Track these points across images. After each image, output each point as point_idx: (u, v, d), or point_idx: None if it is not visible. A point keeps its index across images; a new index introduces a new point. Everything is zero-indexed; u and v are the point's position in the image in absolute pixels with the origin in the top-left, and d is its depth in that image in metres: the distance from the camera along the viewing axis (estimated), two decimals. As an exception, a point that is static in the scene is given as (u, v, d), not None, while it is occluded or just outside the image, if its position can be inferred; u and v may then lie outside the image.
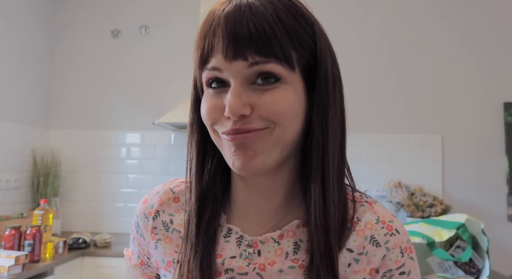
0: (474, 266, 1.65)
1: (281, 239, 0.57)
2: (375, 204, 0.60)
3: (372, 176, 2.79)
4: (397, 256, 0.54)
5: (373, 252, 0.54)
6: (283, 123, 0.51)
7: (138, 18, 3.04)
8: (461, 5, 2.89)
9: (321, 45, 0.55)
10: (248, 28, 0.49)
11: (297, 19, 0.52)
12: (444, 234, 1.58)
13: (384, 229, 0.55)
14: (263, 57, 0.49)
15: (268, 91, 0.50)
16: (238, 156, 0.51)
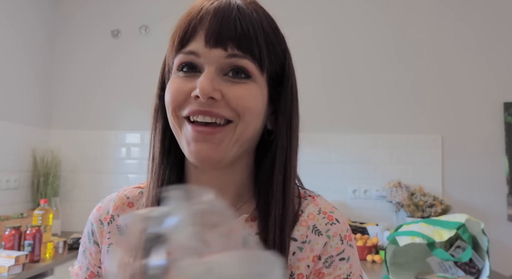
0: (474, 266, 1.65)
1: None
2: (318, 197, 0.64)
3: (372, 176, 2.79)
4: (337, 243, 0.57)
5: (315, 240, 0.57)
6: (247, 119, 0.53)
7: (138, 18, 3.04)
8: (462, 6, 2.89)
9: (289, 60, 0.60)
10: (234, 24, 0.53)
11: (275, 33, 0.58)
12: (444, 234, 1.58)
13: (325, 219, 0.59)
14: (242, 52, 0.53)
15: (238, 85, 0.53)
16: (198, 147, 0.53)
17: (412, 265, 1.76)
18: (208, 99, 0.52)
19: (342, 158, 2.83)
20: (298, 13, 3.00)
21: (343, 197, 2.78)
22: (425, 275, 1.64)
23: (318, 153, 2.84)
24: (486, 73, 2.82)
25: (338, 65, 2.92)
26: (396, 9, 2.93)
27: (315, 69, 2.93)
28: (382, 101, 2.86)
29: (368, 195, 2.77)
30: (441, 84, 2.84)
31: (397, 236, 1.67)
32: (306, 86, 3.35)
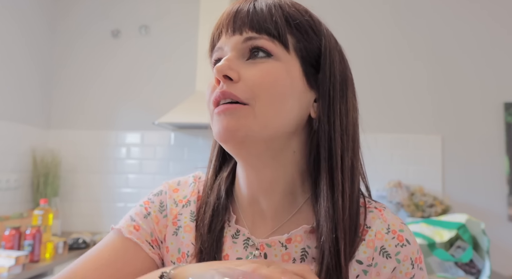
0: (475, 266, 1.65)
1: (288, 243, 0.55)
2: (385, 210, 0.58)
3: (372, 176, 2.76)
4: (407, 268, 0.53)
5: (383, 263, 0.53)
6: (265, 99, 0.51)
7: (138, 18, 3.04)
8: (461, 5, 2.89)
9: (326, 42, 0.56)
10: (248, 8, 0.54)
11: (300, 13, 0.55)
12: (445, 234, 1.58)
13: (395, 239, 0.54)
14: (256, 33, 0.52)
15: (257, 65, 0.52)
16: (222, 122, 0.52)
17: (412, 265, 1.75)
18: (225, 80, 0.52)
19: (342, 158, 2.82)
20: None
21: (343, 197, 2.78)
22: (425, 275, 1.63)
23: (318, 153, 2.84)
24: (486, 73, 2.82)
25: (338, 65, 2.92)
26: (396, 9, 2.93)
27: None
28: (382, 101, 2.86)
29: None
30: (441, 84, 2.84)
31: (397, 236, 1.66)
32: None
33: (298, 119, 0.55)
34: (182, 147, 2.93)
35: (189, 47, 2.95)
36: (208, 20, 2.79)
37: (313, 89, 0.56)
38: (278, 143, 0.54)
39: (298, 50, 0.54)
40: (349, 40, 3.00)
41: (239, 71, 0.52)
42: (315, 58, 0.56)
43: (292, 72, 0.53)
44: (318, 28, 0.57)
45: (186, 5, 3.04)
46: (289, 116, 0.53)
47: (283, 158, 0.56)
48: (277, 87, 0.52)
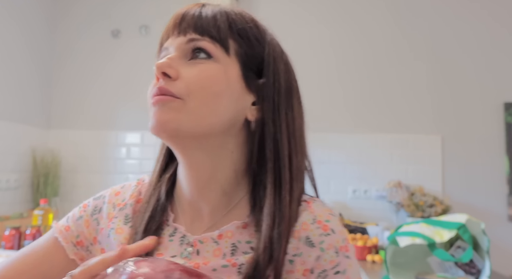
0: (475, 266, 1.65)
1: (220, 239, 0.57)
2: (314, 202, 0.60)
3: (372, 176, 2.79)
4: (331, 256, 0.55)
5: (307, 253, 0.55)
6: (199, 96, 0.54)
7: (138, 18, 3.04)
8: (461, 5, 2.89)
9: (270, 50, 0.60)
10: (194, 12, 0.58)
11: (245, 21, 0.59)
12: (445, 234, 1.58)
13: (319, 229, 0.56)
14: (199, 35, 0.56)
15: (196, 65, 0.56)
16: (155, 115, 0.54)
17: (412, 265, 1.76)
18: (163, 77, 0.55)
19: (342, 158, 2.83)
20: (299, 14, 3.00)
21: (343, 197, 2.78)
22: (425, 275, 1.64)
23: (318, 153, 2.84)
24: (486, 73, 2.82)
25: (338, 65, 2.92)
26: (396, 9, 2.93)
27: (315, 69, 2.93)
28: (382, 101, 2.86)
29: (368, 195, 2.77)
30: (441, 84, 2.84)
31: (397, 236, 1.67)
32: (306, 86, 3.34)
33: (234, 120, 0.57)
34: (182, 147, 2.93)
35: (189, 47, 2.95)
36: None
37: (252, 93, 0.59)
38: (214, 141, 0.57)
39: (239, 54, 0.57)
40: (349, 40, 3.03)
41: (180, 69, 0.55)
42: (256, 64, 0.59)
43: (230, 74, 0.56)
44: (262, 37, 0.60)
45: (186, 5, 3.03)
46: (224, 116, 0.56)
47: (220, 157, 0.58)
48: (212, 86, 0.54)
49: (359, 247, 2.26)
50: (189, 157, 0.58)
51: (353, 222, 2.64)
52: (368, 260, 2.22)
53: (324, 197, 2.46)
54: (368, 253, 2.26)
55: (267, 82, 0.58)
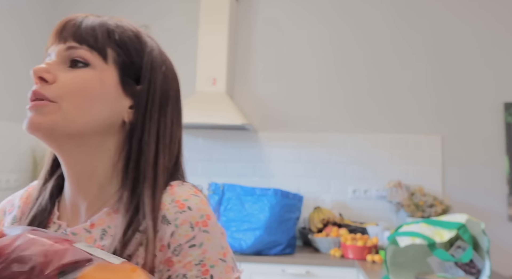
0: (474, 266, 1.65)
1: (92, 228, 0.61)
2: (179, 186, 0.64)
3: (372, 176, 2.79)
4: (186, 231, 0.57)
5: (164, 230, 0.58)
6: (72, 99, 0.58)
7: (138, 18, 3.04)
8: (462, 5, 2.89)
9: (148, 61, 0.65)
10: (75, 22, 0.63)
11: (125, 32, 0.64)
12: (445, 234, 1.58)
13: (176, 207, 0.59)
14: (78, 43, 0.60)
15: (74, 71, 0.60)
16: (29, 117, 0.58)
17: (412, 265, 1.76)
18: (39, 81, 0.59)
19: (342, 158, 2.83)
20: (299, 14, 3.00)
21: (343, 197, 2.78)
22: (425, 275, 1.64)
23: (318, 153, 2.84)
24: (486, 73, 2.82)
25: (338, 65, 2.92)
26: (397, 9, 2.93)
27: (315, 69, 2.93)
28: (382, 101, 2.86)
29: (368, 195, 2.77)
30: (441, 84, 2.84)
31: (397, 236, 1.67)
32: (306, 86, 3.38)
33: (110, 121, 0.62)
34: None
35: (189, 47, 2.95)
36: (209, 20, 2.79)
37: (129, 97, 0.64)
38: (91, 140, 0.61)
39: (117, 62, 0.62)
40: (349, 40, 3.02)
41: (58, 74, 0.59)
42: (134, 72, 0.64)
43: (106, 80, 0.61)
44: (142, 48, 0.65)
45: (186, 5, 3.04)
46: (98, 117, 0.60)
47: (98, 155, 0.62)
48: (85, 90, 0.59)
49: (359, 247, 2.26)
50: (66, 155, 0.62)
51: (353, 222, 2.64)
52: (368, 260, 2.22)
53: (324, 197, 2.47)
54: (368, 253, 2.26)
55: (143, 89, 0.64)
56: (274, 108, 2.92)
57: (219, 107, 2.62)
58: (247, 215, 2.33)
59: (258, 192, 2.36)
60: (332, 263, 2.23)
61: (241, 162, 2.89)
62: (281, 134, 2.88)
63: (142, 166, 0.62)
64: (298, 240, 2.66)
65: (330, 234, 2.47)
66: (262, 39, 3.00)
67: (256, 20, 3.03)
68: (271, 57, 2.98)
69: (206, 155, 2.90)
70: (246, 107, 2.94)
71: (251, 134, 2.90)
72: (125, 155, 0.64)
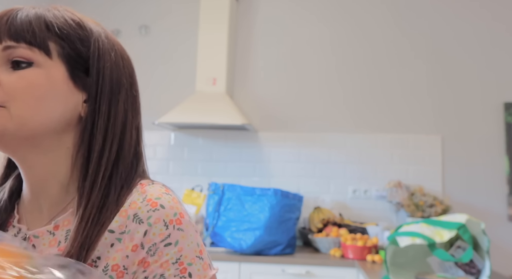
0: (475, 266, 1.65)
1: (56, 230, 0.59)
2: (149, 185, 0.61)
3: (372, 176, 2.79)
4: (160, 229, 0.56)
5: (135, 229, 0.55)
6: (20, 101, 0.54)
7: (138, 18, 3.04)
8: (462, 5, 2.89)
9: (94, 49, 0.61)
10: (8, 17, 0.56)
11: (66, 22, 0.59)
12: (445, 234, 1.58)
13: (148, 206, 0.57)
14: (15, 41, 0.55)
15: (17, 72, 0.55)
16: None
17: (412, 265, 1.76)
18: None
19: (342, 158, 2.83)
20: (300, 14, 3.00)
21: (343, 197, 2.78)
22: (425, 275, 1.64)
23: (318, 153, 2.84)
24: (486, 73, 2.82)
25: (338, 64, 2.92)
26: (397, 9, 2.93)
27: (315, 68, 2.93)
28: (382, 101, 2.86)
29: (368, 195, 2.77)
30: (441, 84, 2.84)
31: (397, 236, 1.67)
32: (306, 86, 3.37)
33: (65, 118, 0.58)
34: (182, 147, 2.93)
35: (189, 47, 2.95)
36: (209, 20, 2.79)
37: (82, 91, 0.60)
38: (47, 140, 0.58)
39: (63, 56, 0.58)
40: (349, 39, 3.02)
41: (0, 78, 0.55)
42: (83, 63, 0.60)
43: (53, 76, 0.57)
44: (86, 36, 0.61)
45: (186, 5, 3.04)
46: (51, 116, 0.57)
47: (56, 154, 0.59)
48: (32, 90, 0.55)
49: (359, 247, 2.26)
50: (22, 159, 0.59)
51: (353, 222, 2.64)
52: (368, 260, 2.22)
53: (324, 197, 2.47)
54: (368, 253, 2.26)
55: (91, 80, 0.60)
56: (274, 108, 2.92)
57: (219, 107, 2.62)
58: (247, 215, 2.33)
59: (258, 192, 2.36)
60: (332, 263, 2.23)
61: (241, 162, 2.89)
62: (281, 134, 2.88)
63: (93, 161, 0.58)
64: (298, 240, 2.66)
65: (330, 234, 2.47)
66: (262, 39, 3.00)
67: (256, 20, 3.03)
68: (271, 57, 2.98)
69: (206, 155, 2.90)
70: (246, 107, 2.94)
71: (251, 134, 2.90)
72: (83, 151, 0.60)
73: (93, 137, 0.59)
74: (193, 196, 2.61)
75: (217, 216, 2.39)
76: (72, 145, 0.60)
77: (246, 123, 2.55)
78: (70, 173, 0.60)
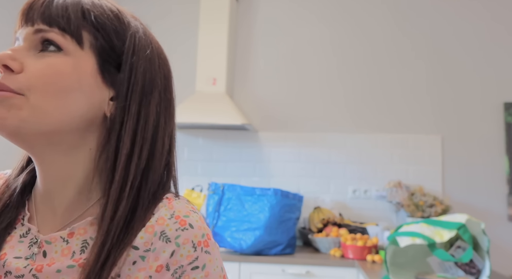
0: (475, 266, 1.65)
1: (70, 237, 0.54)
2: (176, 200, 0.57)
3: (372, 176, 2.79)
4: (188, 251, 0.52)
5: (162, 248, 0.52)
6: (42, 91, 0.50)
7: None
8: (462, 5, 2.89)
9: (130, 45, 0.57)
10: (42, 2, 0.53)
11: (104, 12, 0.55)
12: (445, 234, 1.58)
13: (176, 224, 0.53)
14: (47, 25, 0.52)
15: (44, 57, 0.51)
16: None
17: (412, 265, 1.76)
18: (4, 69, 0.50)
19: (342, 158, 2.83)
20: (300, 14, 3.00)
21: (343, 197, 2.78)
22: (425, 275, 1.64)
23: (318, 153, 2.84)
24: (486, 73, 2.82)
25: (338, 64, 2.93)
26: (397, 9, 2.93)
27: (315, 68, 2.93)
28: (382, 101, 2.86)
29: (368, 195, 2.77)
30: (441, 84, 2.84)
31: (397, 236, 1.67)
32: (306, 86, 3.37)
33: (89, 116, 0.54)
34: (182, 147, 2.93)
35: (189, 47, 2.95)
36: (208, 20, 2.79)
37: (110, 87, 0.55)
38: (67, 138, 0.53)
39: (95, 47, 0.54)
40: (349, 39, 3.02)
41: (26, 62, 0.51)
42: (115, 58, 0.56)
43: (82, 68, 0.53)
44: (123, 29, 0.57)
45: (186, 5, 3.04)
46: (74, 112, 0.52)
47: (77, 154, 0.55)
48: (58, 81, 0.51)
49: (359, 247, 2.26)
50: (39, 155, 0.55)
51: (353, 222, 2.64)
52: (368, 260, 2.22)
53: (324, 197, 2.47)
54: (368, 253, 2.26)
55: (122, 77, 0.55)
56: (274, 108, 2.92)
57: (219, 107, 2.62)
58: (247, 215, 2.33)
59: (258, 192, 2.36)
60: (332, 263, 2.23)
61: (241, 162, 2.89)
62: (281, 134, 2.88)
63: (119, 166, 0.53)
64: (298, 240, 2.67)
65: (330, 234, 2.47)
66: (262, 39, 3.00)
67: (256, 20, 3.03)
68: (271, 57, 2.98)
69: (206, 155, 2.90)
70: (246, 107, 2.94)
71: (251, 134, 2.90)
72: (107, 154, 0.55)
73: (121, 140, 0.54)
74: (193, 196, 2.61)
75: (217, 216, 2.39)
76: (96, 146, 0.56)
77: (246, 123, 2.55)
78: (91, 177, 0.56)
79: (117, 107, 0.55)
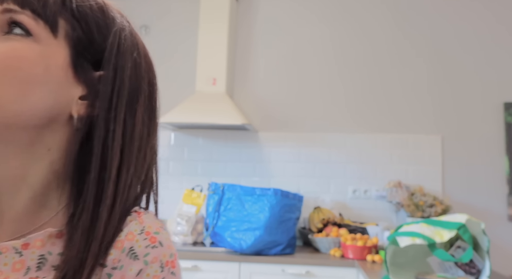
0: (475, 266, 1.65)
1: (25, 249, 0.48)
2: (145, 214, 0.53)
3: (372, 176, 2.79)
4: (155, 271, 0.48)
5: (128, 265, 0.47)
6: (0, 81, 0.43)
7: (138, 18, 3.04)
8: (463, 5, 2.89)
9: (115, 42, 0.51)
10: None
11: (88, 1, 0.50)
12: (445, 234, 1.58)
13: (146, 240, 0.49)
14: (19, 6, 0.46)
15: (9, 41, 0.45)
16: None
17: (412, 265, 1.76)
18: None
19: (342, 158, 2.83)
20: (300, 13, 3.00)
21: (343, 197, 2.78)
22: (425, 275, 1.64)
23: (318, 152, 2.84)
24: (486, 73, 2.82)
25: (338, 64, 2.92)
26: (397, 8, 2.93)
27: (315, 68, 2.93)
28: (382, 101, 2.86)
29: (368, 195, 2.77)
30: (441, 84, 2.84)
31: (397, 236, 1.67)
32: (306, 86, 3.36)
33: (52, 113, 0.48)
34: (182, 147, 2.93)
35: (189, 47, 2.95)
36: (208, 20, 2.79)
37: (81, 85, 0.50)
38: (22, 134, 0.47)
39: (71, 38, 0.48)
40: (350, 39, 3.02)
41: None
42: (93, 54, 0.50)
43: (52, 58, 0.47)
44: (106, 24, 0.51)
45: (186, 4, 3.04)
46: (37, 106, 0.46)
47: (32, 154, 0.48)
48: (21, 69, 0.45)
49: (359, 247, 2.26)
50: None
51: (353, 222, 2.64)
52: (368, 260, 2.22)
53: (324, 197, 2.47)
54: (368, 253, 2.26)
55: (105, 76, 0.50)
56: (274, 108, 2.92)
57: (219, 107, 2.62)
58: (247, 215, 2.33)
59: (258, 192, 2.36)
60: (332, 263, 2.23)
61: (241, 162, 2.89)
62: (281, 134, 2.88)
63: (101, 182, 0.48)
64: (298, 240, 2.66)
65: (330, 234, 2.47)
66: (262, 39, 3.00)
67: (256, 20, 3.03)
68: (271, 57, 2.98)
69: (206, 155, 2.90)
70: (246, 107, 2.94)
71: (251, 134, 2.90)
72: (74, 159, 0.50)
73: (103, 149, 0.49)
74: (193, 196, 2.61)
75: (217, 216, 2.39)
76: (55, 148, 0.50)
77: (246, 123, 2.55)
78: (47, 182, 0.50)
79: (92, 109, 0.50)
